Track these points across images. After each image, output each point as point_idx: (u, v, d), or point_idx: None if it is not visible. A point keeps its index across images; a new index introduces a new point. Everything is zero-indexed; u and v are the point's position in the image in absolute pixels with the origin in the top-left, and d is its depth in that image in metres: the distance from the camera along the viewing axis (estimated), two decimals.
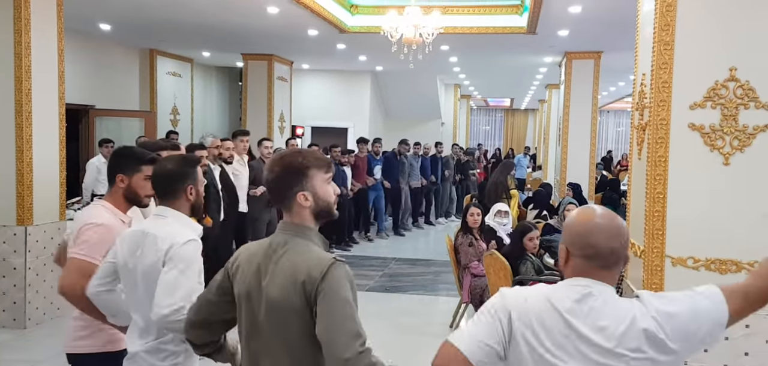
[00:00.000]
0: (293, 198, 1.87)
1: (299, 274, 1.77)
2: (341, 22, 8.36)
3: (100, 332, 2.54)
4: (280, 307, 1.79)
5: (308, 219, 1.90)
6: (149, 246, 2.25)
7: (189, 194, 2.37)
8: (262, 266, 1.87)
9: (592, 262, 1.66)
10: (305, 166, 1.88)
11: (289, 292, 1.78)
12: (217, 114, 13.88)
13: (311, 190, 1.88)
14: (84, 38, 9.31)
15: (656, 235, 3.42)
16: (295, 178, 1.87)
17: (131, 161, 2.66)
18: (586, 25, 7.65)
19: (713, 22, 3.25)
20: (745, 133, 3.24)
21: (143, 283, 2.25)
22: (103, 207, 2.63)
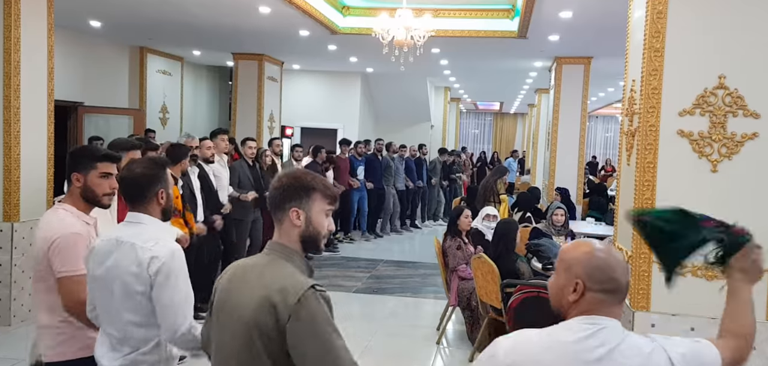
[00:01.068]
0: (287, 212, 1.84)
1: (272, 293, 1.72)
2: (333, 23, 8.36)
3: (73, 339, 2.50)
4: (246, 323, 1.74)
5: (295, 241, 1.85)
6: (126, 255, 2.17)
7: (160, 199, 2.30)
8: (238, 281, 1.85)
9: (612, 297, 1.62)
10: (311, 186, 1.86)
11: (257, 310, 1.72)
12: (206, 113, 13.82)
13: (307, 212, 1.84)
14: (74, 35, 9.24)
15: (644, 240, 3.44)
16: (296, 193, 1.84)
17: (85, 159, 2.57)
18: (576, 31, 7.70)
19: (703, 29, 3.29)
20: (733, 141, 3.28)
21: (121, 293, 2.17)
22: (65, 211, 2.55)
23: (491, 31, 8.48)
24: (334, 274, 8.23)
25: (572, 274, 1.64)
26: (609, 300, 1.61)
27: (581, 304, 1.62)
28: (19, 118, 5.29)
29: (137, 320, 2.17)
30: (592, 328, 1.58)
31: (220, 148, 6.61)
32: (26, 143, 5.38)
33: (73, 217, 2.52)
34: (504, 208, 9.06)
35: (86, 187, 2.55)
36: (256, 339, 1.72)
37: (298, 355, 1.70)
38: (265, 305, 1.71)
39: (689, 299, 3.44)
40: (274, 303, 1.70)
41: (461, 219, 5.87)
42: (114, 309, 2.19)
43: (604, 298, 1.61)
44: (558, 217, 6.85)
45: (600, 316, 1.60)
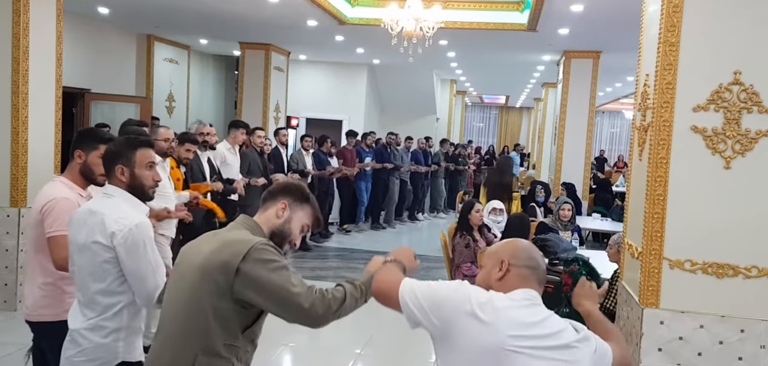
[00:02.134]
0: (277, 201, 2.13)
1: (225, 244, 1.95)
2: (341, 13, 8.32)
3: (58, 302, 2.70)
4: (197, 267, 1.94)
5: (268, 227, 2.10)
6: (95, 224, 2.32)
7: (120, 175, 2.41)
8: (200, 240, 2.06)
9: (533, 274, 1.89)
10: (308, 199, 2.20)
11: (209, 256, 1.93)
12: (212, 102, 13.80)
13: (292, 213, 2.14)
14: (82, 21, 9.22)
15: (655, 236, 3.42)
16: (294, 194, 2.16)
17: (91, 139, 2.79)
18: (587, 24, 7.65)
19: (719, 24, 3.25)
20: (747, 138, 3.24)
21: (88, 261, 2.33)
22: (61, 182, 2.78)
23: (501, 23, 8.43)
24: (337, 266, 8.23)
25: (497, 257, 1.92)
26: (531, 276, 1.87)
27: (506, 281, 1.87)
28: (27, 104, 5.28)
29: (101, 288, 2.33)
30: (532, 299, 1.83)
31: (238, 139, 6.84)
32: (34, 129, 5.37)
33: (68, 188, 2.74)
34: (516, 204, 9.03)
35: (86, 165, 2.77)
36: (204, 281, 1.91)
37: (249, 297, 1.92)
38: (217, 254, 1.92)
39: (698, 297, 3.41)
40: (225, 251, 1.92)
41: (472, 214, 5.78)
42: (83, 275, 2.36)
43: (527, 274, 1.87)
44: (565, 212, 6.84)
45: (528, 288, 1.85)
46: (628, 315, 3.80)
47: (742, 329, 3.37)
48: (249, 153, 7.31)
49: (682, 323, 3.44)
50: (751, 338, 3.36)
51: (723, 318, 3.39)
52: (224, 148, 6.67)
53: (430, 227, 11.84)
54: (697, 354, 3.43)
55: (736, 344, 3.38)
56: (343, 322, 2.14)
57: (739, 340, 3.37)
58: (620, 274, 4.20)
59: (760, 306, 3.34)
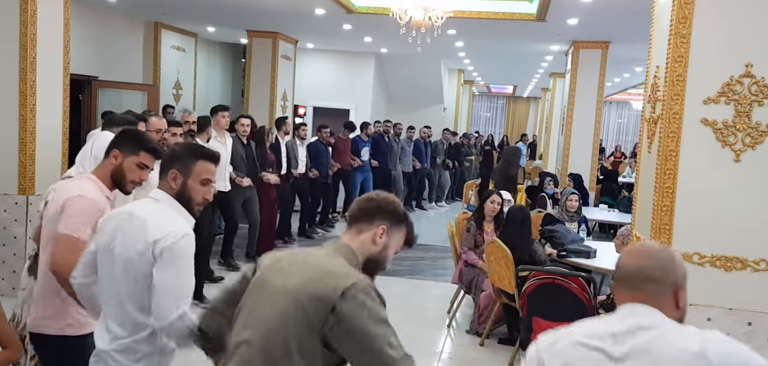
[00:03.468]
0: (374, 226, 1.88)
1: (322, 275, 1.71)
2: (349, 2, 8.29)
3: (60, 314, 2.49)
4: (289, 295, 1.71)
5: (364, 254, 1.87)
6: (136, 230, 2.09)
7: (172, 180, 2.19)
8: (287, 261, 1.83)
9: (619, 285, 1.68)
10: (405, 218, 1.96)
11: (301, 286, 1.70)
12: (219, 90, 13.81)
13: (389, 239, 1.90)
14: (89, 8, 9.22)
15: (663, 229, 3.41)
16: (391, 217, 1.92)
17: (133, 143, 2.56)
18: (596, 15, 7.59)
19: (731, 16, 3.22)
20: (757, 131, 3.22)
21: (122, 271, 2.09)
22: (90, 180, 2.54)
23: (510, 13, 8.37)
24: None
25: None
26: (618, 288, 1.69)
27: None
28: (34, 91, 5.29)
29: (136, 304, 2.09)
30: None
31: (221, 124, 6.49)
32: (42, 116, 5.39)
33: (95, 187, 2.51)
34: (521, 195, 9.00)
35: (119, 168, 2.54)
36: (294, 311, 1.69)
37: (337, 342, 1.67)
38: (312, 283, 1.69)
39: (706, 290, 3.40)
40: (321, 282, 1.68)
41: (487, 204, 5.78)
42: (114, 286, 2.11)
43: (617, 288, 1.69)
44: (572, 202, 6.82)
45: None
46: None
47: (749, 322, 3.36)
48: (233, 141, 6.90)
49: (690, 316, 3.37)
50: (759, 331, 3.35)
51: (730, 311, 3.38)
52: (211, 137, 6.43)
53: (432, 217, 11.83)
54: None
55: (743, 337, 3.36)
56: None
57: (747, 333, 3.36)
58: None
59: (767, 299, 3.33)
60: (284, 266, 1.81)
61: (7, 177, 5.30)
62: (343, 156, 9.88)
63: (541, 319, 4.31)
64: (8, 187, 5.32)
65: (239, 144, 6.97)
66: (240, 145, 6.97)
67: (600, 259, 5.43)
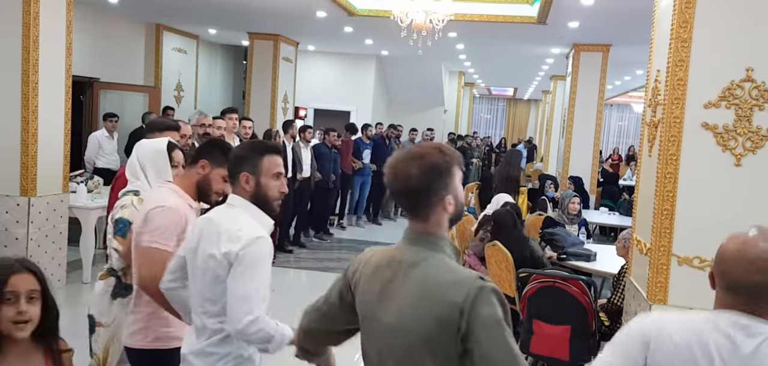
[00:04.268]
0: (437, 204, 1.58)
1: (439, 295, 1.49)
2: (350, 4, 8.30)
3: (149, 329, 2.46)
4: (410, 339, 1.52)
5: (445, 227, 1.62)
6: (211, 234, 2.08)
7: (244, 183, 2.14)
8: (387, 286, 1.60)
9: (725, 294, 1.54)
10: (449, 164, 1.60)
11: (423, 321, 1.50)
12: (220, 92, 13.83)
13: (453, 193, 1.60)
14: (91, 10, 9.25)
15: (664, 233, 3.41)
16: (440, 180, 1.58)
17: (221, 154, 2.48)
18: (597, 18, 7.60)
19: (731, 20, 3.22)
20: (758, 135, 3.22)
21: (201, 276, 2.11)
22: (170, 190, 2.51)
23: (510, 16, 8.39)
24: (346, 257, 8.25)
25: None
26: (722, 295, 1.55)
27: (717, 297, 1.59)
28: (37, 93, 5.30)
29: (212, 309, 2.09)
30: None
31: (229, 127, 6.43)
32: (44, 118, 5.40)
33: (175, 196, 2.47)
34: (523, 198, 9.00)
35: (207, 178, 2.50)
36: (425, 357, 1.51)
37: (476, 356, 1.47)
38: (436, 314, 1.49)
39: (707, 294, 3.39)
40: (446, 309, 1.47)
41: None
42: (197, 291, 2.14)
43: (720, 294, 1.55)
44: (574, 205, 6.81)
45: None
46: (635, 310, 3.80)
47: None
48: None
49: None
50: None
51: None
52: None
53: None
54: None
55: None
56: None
57: None
58: (628, 269, 4.19)
59: None
60: (383, 289, 1.61)
61: (9, 178, 5.31)
62: (345, 159, 9.79)
63: (542, 322, 4.30)
64: (10, 189, 5.33)
65: None
66: None
67: (600, 263, 5.44)
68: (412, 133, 11.97)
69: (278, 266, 7.47)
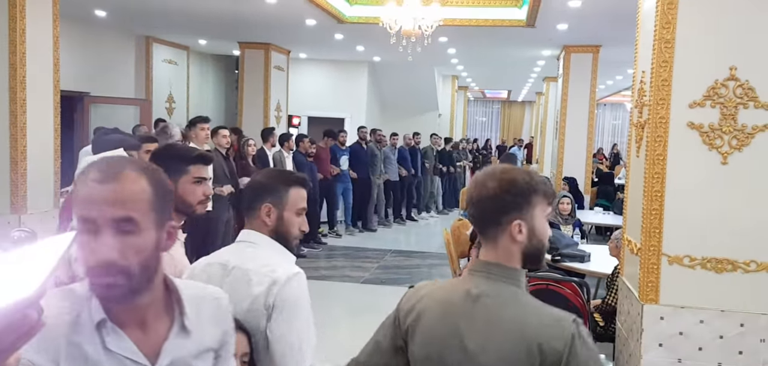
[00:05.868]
0: (506, 227, 1.47)
1: (530, 338, 1.38)
2: (339, 12, 8.31)
3: None
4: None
5: (516, 259, 1.49)
6: (237, 283, 1.78)
7: (266, 216, 1.90)
8: (461, 322, 1.46)
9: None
10: (531, 189, 1.48)
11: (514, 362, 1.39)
12: (212, 102, 13.81)
13: (529, 222, 1.47)
14: (79, 24, 9.23)
15: (653, 233, 3.42)
16: (514, 202, 1.47)
17: (175, 161, 2.16)
18: (585, 19, 7.62)
19: (714, 19, 3.23)
20: (743, 133, 3.23)
21: None
22: None
23: (499, 19, 8.41)
24: (342, 265, 8.24)
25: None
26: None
27: None
28: (25, 110, 5.28)
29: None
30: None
31: (200, 138, 6.19)
32: (32, 135, 5.38)
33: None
34: None
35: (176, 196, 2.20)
36: None
37: None
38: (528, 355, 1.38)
39: (698, 292, 3.41)
40: (537, 351, 1.38)
41: None
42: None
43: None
44: (564, 205, 6.82)
45: None
46: (628, 310, 3.80)
47: (742, 323, 3.36)
48: (213, 156, 6.57)
49: (682, 318, 3.43)
50: (752, 332, 3.36)
51: (723, 312, 3.39)
52: None
53: (426, 226, 11.78)
54: (697, 348, 3.42)
55: (736, 338, 3.37)
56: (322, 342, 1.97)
57: (740, 334, 3.37)
58: (620, 269, 4.19)
59: (759, 300, 3.34)
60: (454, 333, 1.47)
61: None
62: (324, 165, 9.60)
63: None
64: (0, 207, 5.30)
65: (221, 158, 6.65)
66: (222, 159, 6.65)
67: (594, 263, 5.44)
68: (393, 138, 11.72)
69: None
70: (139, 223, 1.17)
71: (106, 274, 1.14)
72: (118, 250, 1.14)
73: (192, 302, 1.31)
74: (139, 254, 1.17)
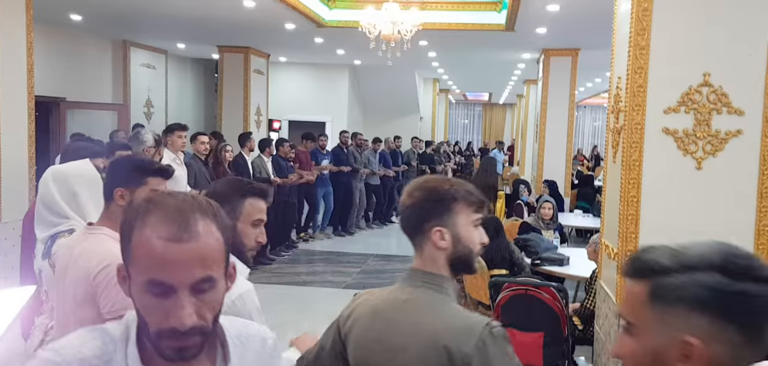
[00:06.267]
0: (428, 234, 1.54)
1: (440, 341, 1.44)
2: (319, 16, 8.28)
3: None
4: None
5: (442, 266, 1.55)
6: None
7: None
8: (388, 327, 1.54)
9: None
10: (451, 196, 1.54)
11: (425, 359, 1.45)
12: (192, 107, 13.69)
13: (452, 229, 1.54)
14: (54, 30, 9.10)
15: (630, 237, 3.44)
16: (434, 209, 1.54)
17: (136, 172, 2.11)
18: (563, 24, 7.67)
19: (688, 27, 3.27)
20: (717, 138, 3.27)
21: None
22: (106, 235, 2.03)
23: (479, 23, 8.43)
24: (323, 270, 8.20)
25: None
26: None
27: None
28: None
29: None
30: None
31: (177, 145, 6.15)
32: (6, 142, 5.28)
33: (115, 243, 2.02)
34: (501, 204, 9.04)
35: None
36: None
37: None
38: (435, 353, 1.44)
39: None
40: (447, 349, 1.43)
41: None
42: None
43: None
44: (546, 210, 6.84)
45: None
46: (606, 314, 3.82)
47: None
48: (192, 163, 6.51)
49: None
50: None
51: None
52: (168, 158, 6.01)
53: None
54: None
55: None
56: None
57: None
58: (598, 273, 4.22)
59: None
60: (380, 338, 1.54)
61: None
62: (306, 168, 9.50)
63: (516, 330, 4.31)
64: None
65: (201, 163, 6.58)
66: (201, 165, 6.58)
67: (574, 267, 5.47)
68: (375, 144, 11.70)
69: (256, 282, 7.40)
70: (217, 279, 1.08)
71: (184, 338, 1.03)
72: (197, 311, 1.04)
73: (236, 343, 1.22)
74: (215, 309, 1.09)
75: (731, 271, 0.95)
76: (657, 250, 1.03)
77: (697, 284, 0.95)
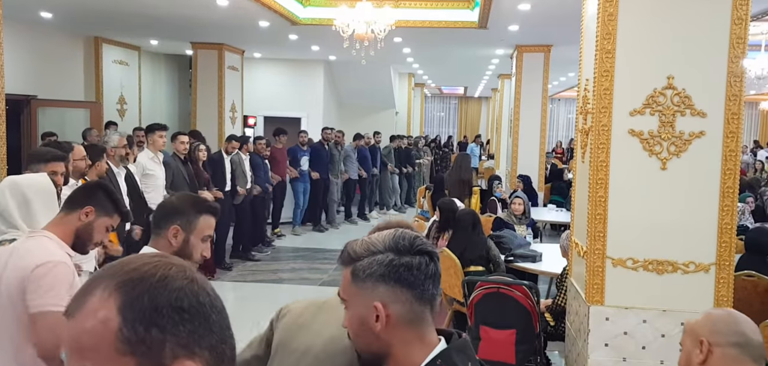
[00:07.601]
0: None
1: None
2: (293, 14, 8.26)
3: None
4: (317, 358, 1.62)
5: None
6: None
7: (172, 237, 2.03)
8: (312, 319, 1.69)
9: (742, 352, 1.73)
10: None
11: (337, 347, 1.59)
12: (166, 103, 13.54)
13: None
14: (25, 26, 8.93)
15: (598, 236, 3.52)
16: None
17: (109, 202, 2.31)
18: (535, 21, 7.77)
19: (652, 31, 3.35)
20: (681, 139, 3.36)
21: None
22: (48, 238, 2.16)
23: (452, 21, 8.50)
24: (299, 267, 8.22)
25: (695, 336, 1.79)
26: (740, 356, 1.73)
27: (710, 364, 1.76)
28: None
29: None
30: None
31: (157, 145, 6.16)
32: None
33: (58, 247, 2.16)
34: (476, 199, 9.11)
35: (89, 227, 2.28)
36: None
37: None
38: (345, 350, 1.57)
39: (641, 293, 3.53)
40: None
41: None
42: None
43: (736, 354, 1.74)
44: (516, 206, 6.90)
45: None
46: (576, 311, 3.91)
47: (682, 322, 3.49)
48: (171, 162, 6.49)
49: (626, 319, 3.55)
50: None
51: (664, 312, 3.52)
52: (146, 157, 6.07)
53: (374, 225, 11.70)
54: (641, 347, 3.55)
55: (677, 337, 3.49)
56: None
57: (680, 333, 3.47)
58: (569, 271, 4.30)
59: (698, 299, 3.48)
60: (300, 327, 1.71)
61: None
62: (281, 166, 9.50)
63: (488, 327, 4.38)
64: None
65: (179, 162, 6.59)
66: (180, 165, 6.58)
67: (546, 263, 5.56)
68: (356, 140, 11.74)
69: (234, 281, 7.39)
70: None
71: None
72: None
73: None
74: None
75: (399, 249, 1.25)
76: (356, 243, 1.30)
77: (379, 263, 1.25)
